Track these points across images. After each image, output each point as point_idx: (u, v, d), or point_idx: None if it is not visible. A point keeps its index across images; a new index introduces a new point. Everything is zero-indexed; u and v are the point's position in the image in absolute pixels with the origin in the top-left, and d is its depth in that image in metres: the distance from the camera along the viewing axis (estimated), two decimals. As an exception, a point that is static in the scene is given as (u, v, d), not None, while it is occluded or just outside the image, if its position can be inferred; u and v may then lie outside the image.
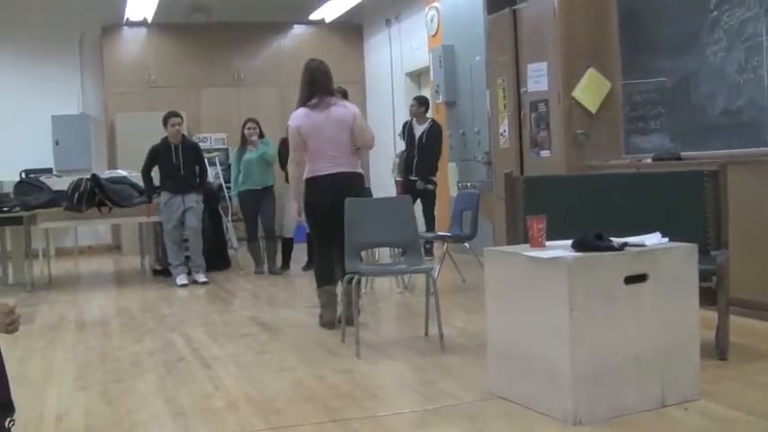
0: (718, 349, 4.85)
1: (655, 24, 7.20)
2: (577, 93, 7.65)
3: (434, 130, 10.43)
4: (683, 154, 6.82)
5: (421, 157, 10.33)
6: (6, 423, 3.35)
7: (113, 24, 13.47)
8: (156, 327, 6.83)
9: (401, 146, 11.04)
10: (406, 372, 5.03)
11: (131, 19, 13.02)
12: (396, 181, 11.06)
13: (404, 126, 10.75)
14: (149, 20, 13.14)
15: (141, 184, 9.55)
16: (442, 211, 10.75)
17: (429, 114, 10.77)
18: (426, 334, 5.92)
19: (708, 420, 3.84)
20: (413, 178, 10.32)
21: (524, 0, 8.20)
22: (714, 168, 5.12)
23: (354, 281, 5.58)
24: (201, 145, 10.68)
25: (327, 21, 13.94)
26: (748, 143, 6.25)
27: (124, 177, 10.07)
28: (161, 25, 13.60)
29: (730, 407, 3.98)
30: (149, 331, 6.64)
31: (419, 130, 10.44)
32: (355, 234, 5.80)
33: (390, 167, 11.30)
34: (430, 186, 10.27)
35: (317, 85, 6.29)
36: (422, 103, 10.57)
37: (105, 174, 10.40)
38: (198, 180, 9.39)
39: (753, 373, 4.58)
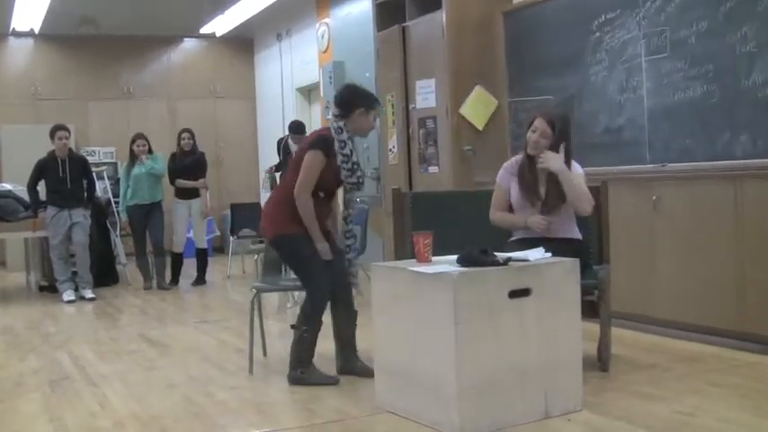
0: (601, 361, 4.99)
1: (540, 44, 7.36)
2: (465, 110, 7.77)
3: None
4: (568, 170, 6.98)
5: None
6: None
7: (-2, 34, 13.17)
8: (42, 344, 6.69)
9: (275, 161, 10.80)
10: (295, 388, 5.02)
11: (18, 29, 12.72)
12: None
13: (279, 142, 10.56)
14: (36, 31, 12.86)
15: (27, 198, 9.37)
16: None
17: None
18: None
19: (590, 431, 3.94)
20: None
21: (413, 18, 8.30)
22: (596, 185, 5.26)
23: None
24: (89, 159, 10.52)
25: (218, 35, 13.84)
26: (629, 160, 6.44)
27: (9, 191, 9.87)
28: (48, 36, 13.31)
29: (612, 417, 4.10)
30: (34, 349, 6.51)
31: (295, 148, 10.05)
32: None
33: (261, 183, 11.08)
34: None
35: None
36: (295, 132, 10.25)
37: (-11, 188, 10.18)
38: (86, 194, 9.25)
39: (634, 383, 4.72)
